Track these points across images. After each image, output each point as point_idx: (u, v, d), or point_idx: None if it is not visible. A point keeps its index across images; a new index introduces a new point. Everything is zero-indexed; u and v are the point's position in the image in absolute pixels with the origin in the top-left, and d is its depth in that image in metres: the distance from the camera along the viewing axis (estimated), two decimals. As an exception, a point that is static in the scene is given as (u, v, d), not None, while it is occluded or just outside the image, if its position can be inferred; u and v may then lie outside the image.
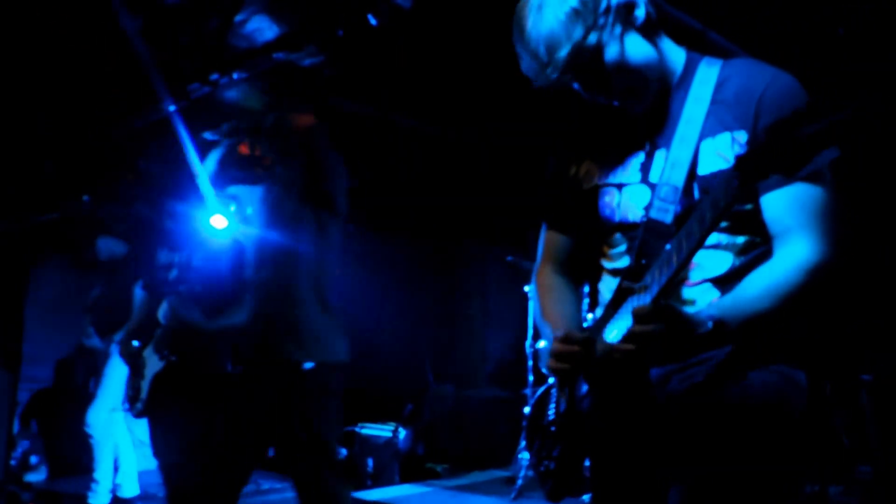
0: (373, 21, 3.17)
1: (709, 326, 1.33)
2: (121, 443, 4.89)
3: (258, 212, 3.00)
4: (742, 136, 1.44)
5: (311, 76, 3.79)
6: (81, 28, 4.02)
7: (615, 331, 1.47)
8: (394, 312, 7.39)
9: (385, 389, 6.14)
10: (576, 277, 1.86)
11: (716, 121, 1.48)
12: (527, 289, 5.27)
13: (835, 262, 1.39)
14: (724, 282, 1.46)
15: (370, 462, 5.33)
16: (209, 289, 3.46)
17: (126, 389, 3.56)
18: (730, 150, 1.45)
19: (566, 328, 1.63)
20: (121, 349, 3.56)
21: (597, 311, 1.64)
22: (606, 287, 1.67)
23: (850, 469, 4.74)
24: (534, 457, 1.75)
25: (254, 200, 3.01)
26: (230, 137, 3.06)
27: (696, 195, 1.47)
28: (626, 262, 1.59)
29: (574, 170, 1.72)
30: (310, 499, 2.71)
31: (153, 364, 3.44)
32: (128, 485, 4.93)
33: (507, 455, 5.65)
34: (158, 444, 3.42)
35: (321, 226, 2.85)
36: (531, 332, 5.29)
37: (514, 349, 5.71)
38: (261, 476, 6.02)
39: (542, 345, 4.23)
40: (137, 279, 3.88)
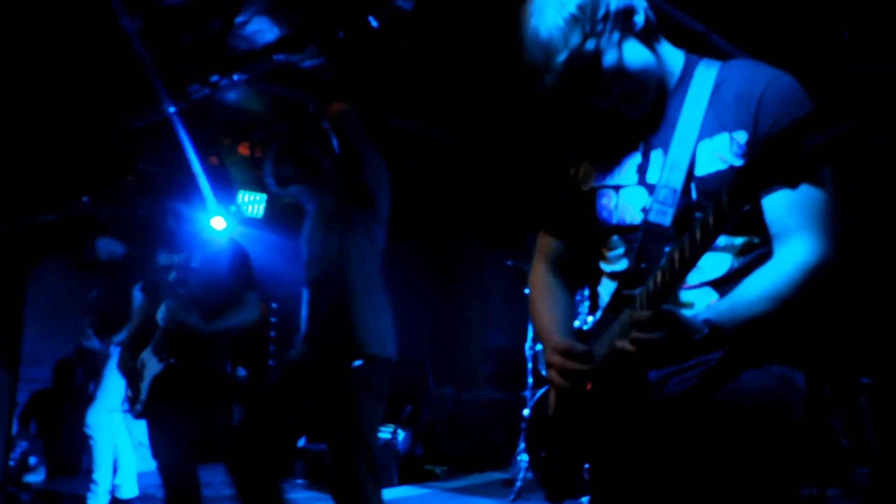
0: (374, 23, 3.17)
1: (705, 331, 1.33)
2: (120, 444, 4.88)
3: (312, 211, 3.03)
4: (741, 137, 1.44)
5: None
6: (82, 28, 4.02)
7: (614, 336, 1.47)
8: (394, 314, 7.37)
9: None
10: (571, 279, 1.86)
11: (714, 122, 1.48)
12: (527, 291, 5.27)
13: (835, 262, 1.39)
14: (723, 284, 1.46)
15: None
16: (208, 291, 3.46)
17: (126, 391, 3.56)
18: (728, 151, 1.45)
19: (563, 336, 1.64)
20: (119, 362, 3.56)
21: (597, 315, 1.64)
22: (605, 290, 1.67)
23: (849, 471, 4.74)
24: (534, 458, 1.76)
25: (311, 199, 3.04)
26: (282, 138, 3.11)
27: (694, 196, 1.47)
28: (625, 265, 1.59)
29: (572, 172, 1.72)
30: (341, 490, 2.76)
31: (152, 366, 3.44)
32: (127, 486, 4.93)
33: (506, 457, 5.65)
34: (157, 446, 3.42)
35: (366, 226, 2.88)
36: (531, 335, 5.29)
37: (514, 351, 5.71)
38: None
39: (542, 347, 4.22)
40: (137, 281, 3.87)
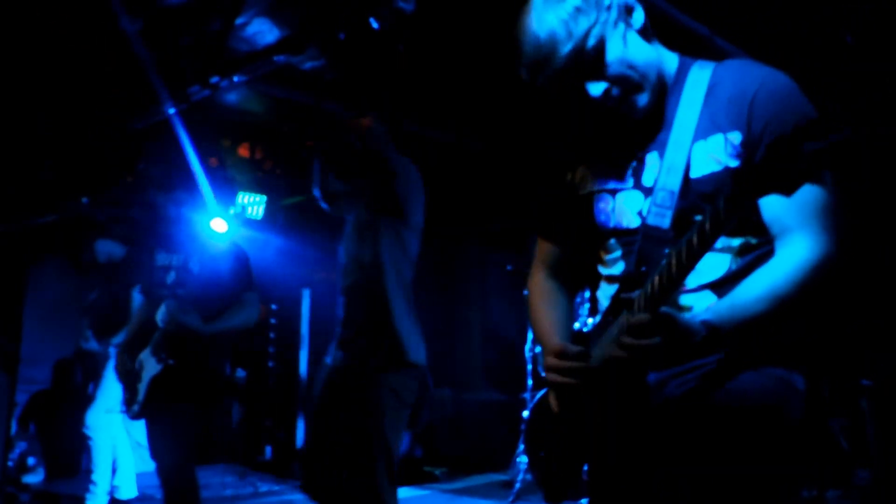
0: (375, 25, 3.17)
1: (703, 333, 1.33)
2: (119, 445, 4.88)
3: (349, 220, 3.07)
4: (736, 137, 1.44)
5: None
6: (82, 28, 4.01)
7: (612, 340, 1.47)
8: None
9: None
10: (569, 283, 1.86)
11: (708, 123, 1.48)
12: (526, 293, 5.26)
13: (835, 260, 1.38)
14: (722, 286, 1.45)
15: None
16: (208, 292, 3.46)
17: (123, 391, 3.55)
18: (723, 152, 1.44)
19: (559, 339, 1.64)
20: (116, 364, 3.56)
21: (597, 318, 1.64)
22: (604, 294, 1.67)
23: (849, 474, 4.74)
24: (533, 460, 1.76)
25: (349, 210, 3.09)
26: (322, 154, 3.16)
27: (691, 198, 1.47)
28: (622, 268, 1.59)
29: (569, 176, 1.72)
30: (357, 492, 2.78)
31: (151, 367, 3.44)
32: (125, 486, 4.93)
33: (505, 459, 5.65)
34: (156, 446, 3.42)
35: (398, 234, 2.95)
36: (530, 337, 5.29)
37: (513, 353, 5.70)
38: (259, 478, 6.01)
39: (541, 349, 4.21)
40: (136, 282, 3.87)
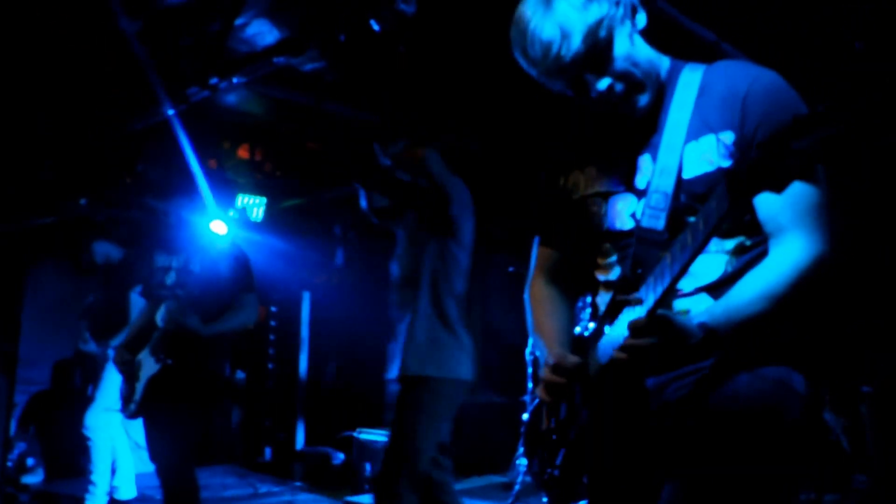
0: (375, 27, 3.16)
1: (700, 335, 1.33)
2: (118, 445, 4.87)
3: (401, 235, 3.16)
4: (728, 137, 1.44)
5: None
6: (81, 29, 4.01)
7: (610, 343, 1.47)
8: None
9: (383, 394, 6.12)
10: (568, 288, 1.86)
11: (700, 124, 1.48)
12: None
13: (830, 258, 1.38)
14: (718, 288, 1.45)
15: (368, 467, 5.32)
16: (207, 294, 3.46)
17: (120, 391, 3.55)
18: (715, 153, 1.44)
19: (559, 348, 1.65)
20: (115, 357, 3.55)
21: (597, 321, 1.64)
22: (603, 301, 1.67)
23: (847, 477, 4.73)
24: (536, 465, 1.76)
25: (400, 226, 3.18)
26: (366, 177, 3.25)
27: (684, 199, 1.47)
28: (618, 273, 1.59)
29: (563, 181, 1.73)
30: (381, 496, 2.85)
31: (149, 367, 3.44)
32: (125, 487, 4.92)
33: (505, 461, 5.64)
34: (155, 447, 3.41)
35: (447, 250, 3.03)
36: (530, 339, 5.28)
37: (513, 356, 5.69)
38: (258, 479, 6.01)
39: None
40: (134, 284, 3.87)
